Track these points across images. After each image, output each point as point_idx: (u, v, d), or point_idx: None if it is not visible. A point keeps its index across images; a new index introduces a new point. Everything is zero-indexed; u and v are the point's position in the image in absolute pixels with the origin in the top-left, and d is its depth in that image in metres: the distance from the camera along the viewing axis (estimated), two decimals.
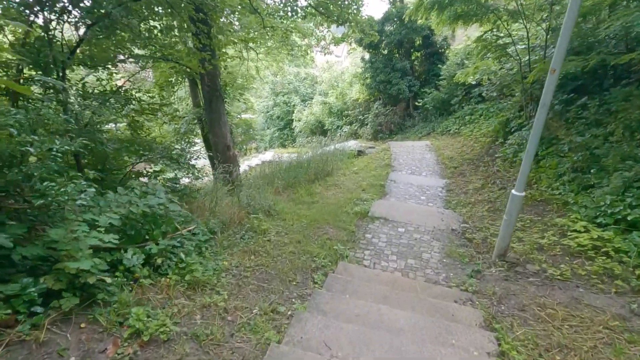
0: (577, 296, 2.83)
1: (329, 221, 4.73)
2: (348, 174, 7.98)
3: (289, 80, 24.09)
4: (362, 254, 3.92)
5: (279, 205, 5.25)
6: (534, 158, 6.49)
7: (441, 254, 3.96)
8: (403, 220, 4.84)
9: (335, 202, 5.70)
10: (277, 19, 8.55)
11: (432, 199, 6.26)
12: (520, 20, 6.37)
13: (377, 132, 13.90)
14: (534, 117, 5.57)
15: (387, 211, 5.14)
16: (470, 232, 4.41)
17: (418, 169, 8.17)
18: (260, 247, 3.78)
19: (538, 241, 3.78)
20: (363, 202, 5.61)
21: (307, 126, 19.84)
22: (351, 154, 10.16)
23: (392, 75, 12.98)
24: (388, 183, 7.02)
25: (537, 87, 6.70)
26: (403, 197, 6.32)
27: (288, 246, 3.91)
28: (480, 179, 6.68)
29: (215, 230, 3.83)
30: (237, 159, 8.18)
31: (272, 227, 4.37)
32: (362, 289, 2.96)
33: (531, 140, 3.09)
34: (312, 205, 5.58)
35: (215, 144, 7.89)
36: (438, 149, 9.57)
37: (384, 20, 12.87)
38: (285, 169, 7.42)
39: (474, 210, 5.32)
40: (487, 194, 5.85)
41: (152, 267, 2.80)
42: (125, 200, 2.73)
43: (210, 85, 7.33)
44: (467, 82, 9.49)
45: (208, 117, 7.71)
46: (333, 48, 16.93)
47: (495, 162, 7.09)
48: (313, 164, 7.71)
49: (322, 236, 4.25)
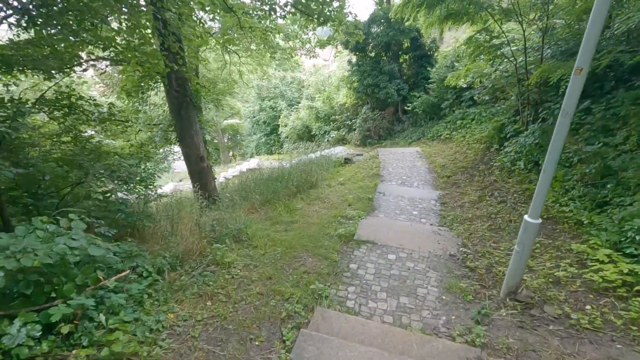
0: (616, 356, 2.23)
1: (308, 247, 4.05)
2: (334, 185, 7.33)
3: (274, 84, 23.43)
4: (345, 292, 3.25)
5: (251, 227, 4.54)
6: (533, 169, 6.04)
7: (439, 288, 3.32)
8: (394, 243, 4.20)
9: (317, 222, 5.03)
10: (255, 19, 7.89)
11: (425, 214, 5.65)
12: (514, 18, 5.88)
13: (365, 137, 13.33)
14: (534, 123, 4.90)
15: (376, 232, 4.50)
16: (471, 258, 3.79)
17: (409, 178, 7.59)
18: (220, 289, 3.07)
19: (553, 273, 3.18)
20: (348, 221, 4.96)
21: (293, 132, 19.17)
22: (338, 162, 9.53)
23: (380, 79, 12.46)
24: (376, 196, 6.39)
25: (534, 90, 6.21)
26: (393, 212, 5.70)
27: (255, 284, 3.22)
28: (477, 190, 6.12)
29: (164, 269, 3.11)
30: (211, 171, 7.43)
31: (239, 259, 3.66)
32: (342, 353, 2.29)
33: (550, 156, 2.49)
34: (291, 226, 4.89)
35: (186, 155, 7.15)
36: (429, 156, 9.03)
37: (370, 22, 12.36)
38: (264, 181, 6.72)
39: (472, 228, 4.73)
40: (486, 208, 5.28)
41: (60, 336, 2.07)
42: (19, 248, 2.00)
43: (179, 90, 6.60)
44: (458, 86, 9.01)
45: (178, 126, 6.97)
46: (319, 51, 16.44)
47: (491, 172, 6.55)
48: (295, 175, 7.03)
49: (298, 269, 3.57)
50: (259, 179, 7.10)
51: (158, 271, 3.05)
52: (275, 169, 7.51)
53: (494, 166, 6.63)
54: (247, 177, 8.16)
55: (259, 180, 6.94)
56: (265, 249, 3.99)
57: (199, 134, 7.02)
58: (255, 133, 25.23)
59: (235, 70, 14.38)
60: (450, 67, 10.47)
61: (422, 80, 12.72)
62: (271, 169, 8.11)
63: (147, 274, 2.93)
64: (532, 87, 6.20)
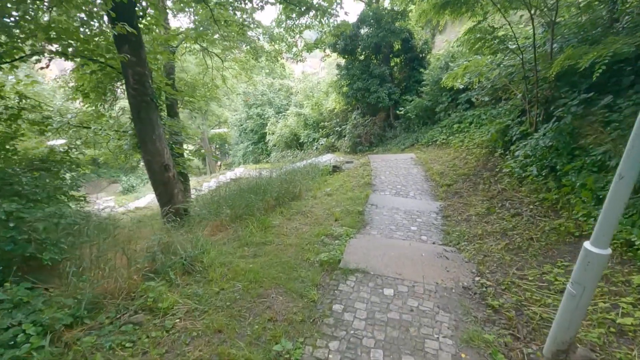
0: None
1: (279, 280, 3.09)
2: (319, 196, 6.41)
3: (262, 91, 22.65)
4: (324, 351, 2.30)
5: (210, 252, 3.57)
6: (550, 175, 5.23)
7: (455, 340, 2.40)
8: (390, 272, 3.27)
9: (296, 242, 4.08)
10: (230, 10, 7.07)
11: (425, 230, 4.77)
12: (522, 4, 5.16)
13: (355, 144, 12.52)
14: (545, 123, 4.11)
15: (367, 257, 3.57)
16: (492, 293, 2.89)
17: (404, 188, 6.72)
18: (139, 355, 2.09)
19: (613, 318, 2.30)
20: (334, 242, 4.03)
21: (281, 139, 18.30)
22: (325, 170, 8.64)
23: (371, 82, 11.75)
24: (368, 209, 5.49)
25: (544, 86, 5.47)
26: (388, 228, 4.79)
27: (197, 343, 2.24)
28: (483, 200, 5.28)
29: (58, 326, 2.11)
30: (178, 182, 6.43)
31: (181, 301, 2.68)
32: None
33: (630, 165, 1.61)
34: (263, 248, 3.93)
35: (148, 163, 6.13)
36: (425, 163, 8.22)
37: (359, 23, 11.71)
38: (238, 193, 5.75)
39: (485, 248, 3.85)
40: (498, 223, 4.42)
41: None
42: None
43: (137, 88, 5.64)
44: (455, 87, 8.29)
45: (137, 130, 5.99)
46: (309, 62, 15.82)
47: (498, 179, 5.74)
48: (275, 186, 6.09)
49: (262, 314, 2.60)
50: (233, 190, 6.12)
51: (46, 330, 2.05)
52: (253, 179, 6.56)
53: (501, 173, 5.82)
54: (225, 188, 7.17)
55: (233, 192, 5.97)
56: (223, 283, 3.02)
57: (162, 138, 6.04)
58: (242, 142, 24.30)
59: (218, 75, 13.54)
60: (444, 69, 9.80)
61: (414, 84, 12.05)
62: (249, 179, 7.16)
63: (24, 337, 1.94)
64: (541, 83, 5.47)
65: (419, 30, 12.89)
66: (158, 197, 6.44)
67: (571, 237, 3.57)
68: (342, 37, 11.78)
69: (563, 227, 3.67)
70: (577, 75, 5.22)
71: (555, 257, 3.31)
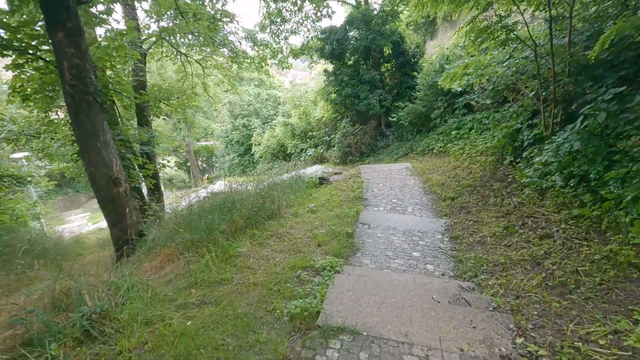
0: None
1: (223, 351, 2.03)
2: (302, 213, 5.38)
3: (248, 101, 21.80)
4: None
5: (136, 300, 2.48)
6: (579, 186, 4.31)
7: None
8: (392, 333, 2.24)
9: (262, 281, 3.02)
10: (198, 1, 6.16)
11: (431, 256, 3.78)
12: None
13: (345, 154, 11.61)
14: (564, 124, 3.21)
15: (358, 305, 2.54)
16: None
17: (401, 202, 5.76)
18: None
19: None
20: (313, 279, 2.99)
21: (267, 151, 17.32)
22: (311, 182, 7.64)
23: (360, 89, 10.95)
24: (359, 229, 4.48)
25: (564, 80, 4.66)
26: (383, 255, 3.79)
27: None
28: (498, 217, 4.34)
29: None
30: (131, 199, 5.31)
31: None
32: None
33: None
34: (216, 290, 2.86)
35: (92, 177, 4.98)
36: (423, 173, 7.31)
37: (347, 25, 11.01)
38: (198, 213, 4.67)
39: (514, 284, 2.87)
40: (523, 247, 3.47)
41: None
42: None
43: (75, 84, 4.57)
44: (452, 90, 7.50)
45: (76, 136, 4.90)
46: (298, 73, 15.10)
47: (511, 191, 4.83)
48: (247, 202, 5.05)
49: None
50: (194, 208, 5.04)
51: None
52: (219, 194, 5.50)
53: (515, 183, 4.92)
54: (195, 206, 6.01)
55: (193, 211, 4.89)
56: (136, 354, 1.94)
57: (109, 146, 4.95)
58: (228, 154, 23.23)
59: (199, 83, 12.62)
60: (439, 72, 9.05)
61: (406, 90, 11.32)
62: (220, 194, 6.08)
63: None
64: (559, 78, 4.66)
65: (410, 33, 12.29)
66: (106, 217, 5.29)
67: (633, 268, 2.62)
68: (330, 40, 11.05)
69: (620, 256, 2.72)
70: (601, 68, 4.44)
71: (623, 302, 2.34)
